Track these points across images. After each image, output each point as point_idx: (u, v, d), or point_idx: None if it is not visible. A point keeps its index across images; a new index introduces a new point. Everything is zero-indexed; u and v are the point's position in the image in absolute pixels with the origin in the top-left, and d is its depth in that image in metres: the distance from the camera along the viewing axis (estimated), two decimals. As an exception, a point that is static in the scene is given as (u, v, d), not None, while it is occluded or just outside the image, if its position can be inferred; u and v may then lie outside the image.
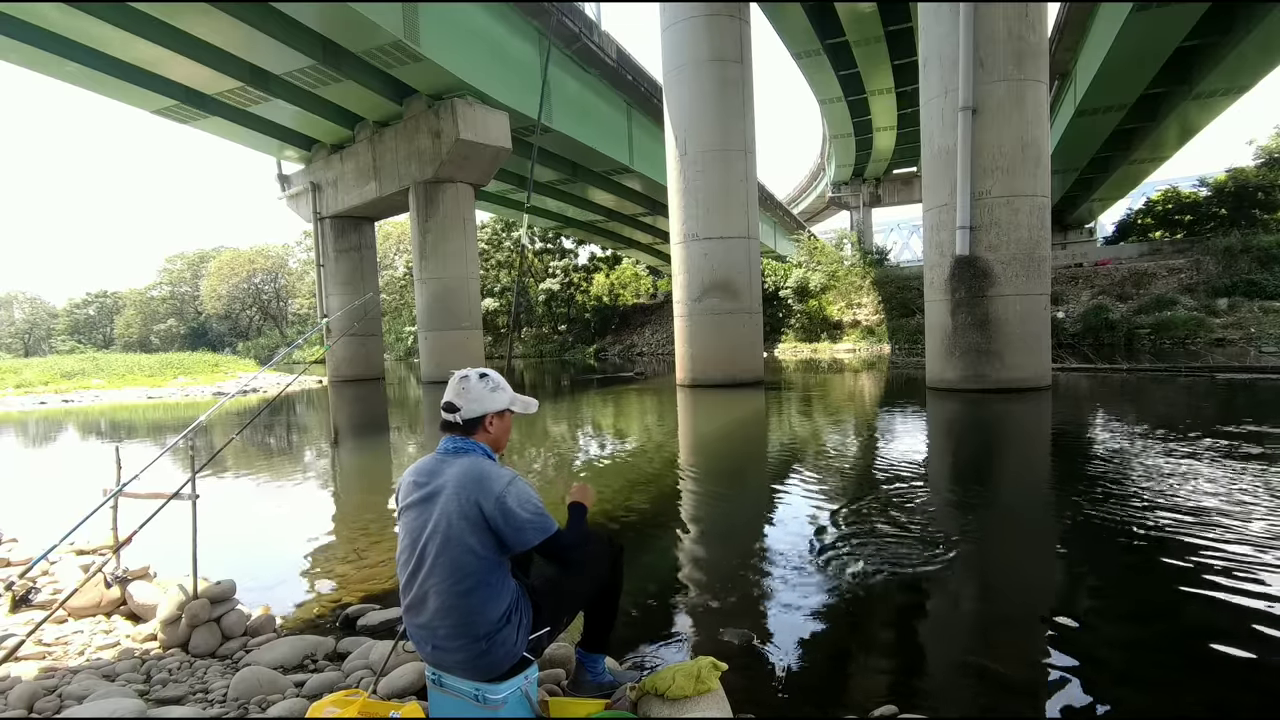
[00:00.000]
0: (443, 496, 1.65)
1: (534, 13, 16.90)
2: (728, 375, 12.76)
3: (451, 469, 1.68)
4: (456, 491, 1.63)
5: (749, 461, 6.42)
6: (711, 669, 1.82)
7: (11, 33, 12.64)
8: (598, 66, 19.59)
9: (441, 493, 1.65)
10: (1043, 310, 9.83)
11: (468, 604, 1.60)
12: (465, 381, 1.79)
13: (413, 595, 1.67)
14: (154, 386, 19.67)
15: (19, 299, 69.63)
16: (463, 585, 1.60)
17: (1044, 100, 9.73)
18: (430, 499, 1.67)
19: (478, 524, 1.61)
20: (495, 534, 1.62)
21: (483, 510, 1.61)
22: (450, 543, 1.61)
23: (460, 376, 1.80)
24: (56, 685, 2.13)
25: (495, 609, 1.62)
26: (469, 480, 1.64)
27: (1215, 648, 2.29)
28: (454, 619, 1.60)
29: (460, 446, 1.75)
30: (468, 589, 1.60)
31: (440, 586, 1.61)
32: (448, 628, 1.61)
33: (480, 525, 1.61)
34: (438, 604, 1.62)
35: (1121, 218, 36.26)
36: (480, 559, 1.61)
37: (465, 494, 1.62)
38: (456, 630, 1.61)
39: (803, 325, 28.44)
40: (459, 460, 1.70)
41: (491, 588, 1.63)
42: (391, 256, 49.98)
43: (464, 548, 1.60)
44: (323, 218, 20.82)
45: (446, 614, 1.61)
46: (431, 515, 1.65)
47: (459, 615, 1.60)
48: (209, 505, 3.12)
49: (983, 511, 4.17)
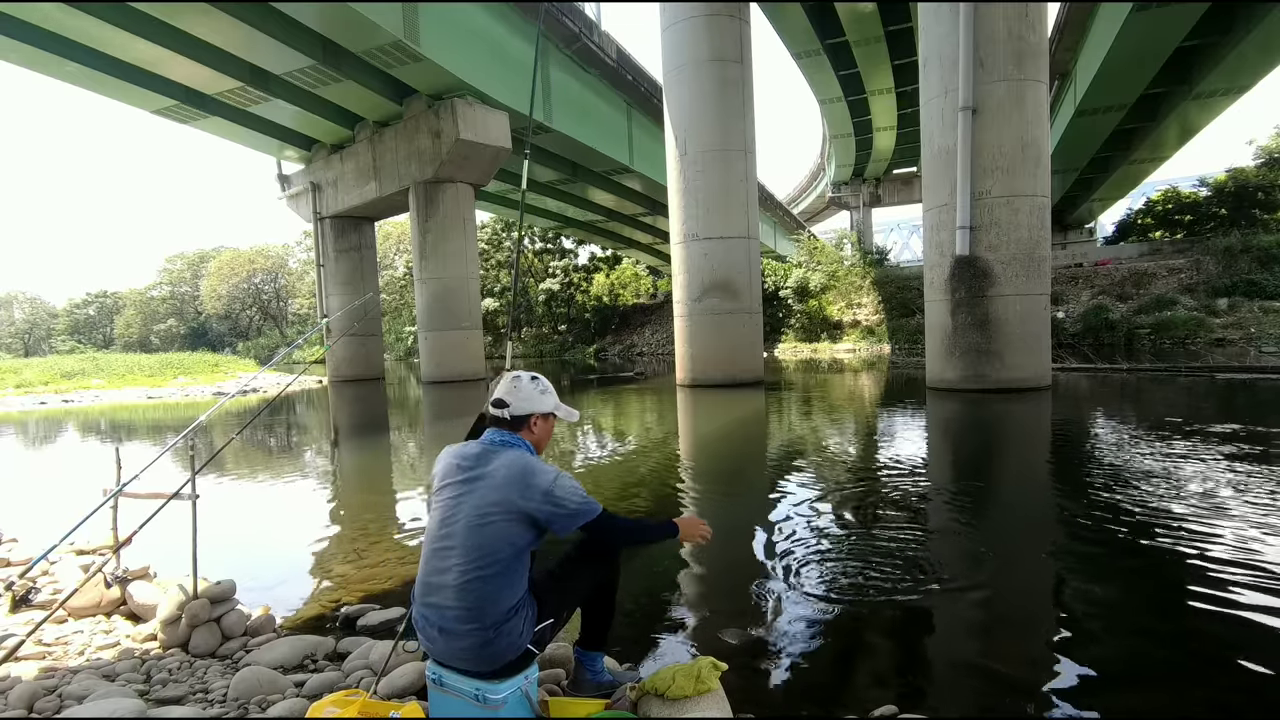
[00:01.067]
0: (485, 483, 1.70)
1: (534, 13, 16.90)
2: (728, 375, 12.76)
3: (499, 459, 1.75)
4: (502, 481, 1.69)
5: (749, 462, 6.41)
6: (711, 669, 1.82)
7: (11, 33, 12.65)
8: (598, 66, 19.59)
9: (485, 479, 1.71)
10: (1043, 310, 9.83)
11: (486, 589, 1.63)
12: (517, 381, 1.88)
13: (433, 571, 1.70)
14: (154, 386, 19.67)
15: (19, 299, 69.65)
16: (487, 570, 1.64)
17: (1044, 100, 9.73)
18: (472, 483, 1.72)
19: (518, 515, 1.67)
20: (540, 523, 1.70)
21: (529, 501, 1.68)
22: (485, 528, 1.66)
23: (513, 376, 1.90)
24: (56, 685, 2.13)
25: (509, 598, 1.65)
26: (515, 472, 1.71)
27: (1216, 648, 2.29)
28: (469, 601, 1.63)
29: (506, 440, 1.82)
30: (491, 574, 1.64)
31: (464, 567, 1.64)
32: (461, 610, 1.63)
33: (520, 516, 1.67)
34: (458, 584, 1.64)
35: (1121, 218, 36.27)
36: (511, 548, 1.67)
37: (511, 485, 1.69)
38: (469, 614, 1.62)
39: (803, 325, 28.44)
40: (506, 452, 1.77)
41: (511, 577, 1.67)
42: (391, 256, 49.98)
43: (498, 535, 1.66)
44: (323, 218, 20.83)
45: (463, 595, 1.63)
46: (471, 499, 1.70)
47: (475, 598, 1.63)
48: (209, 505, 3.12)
49: (983, 511, 4.17)
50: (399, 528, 4.25)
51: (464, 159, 16.98)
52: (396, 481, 6.12)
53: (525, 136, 19.06)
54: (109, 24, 12.46)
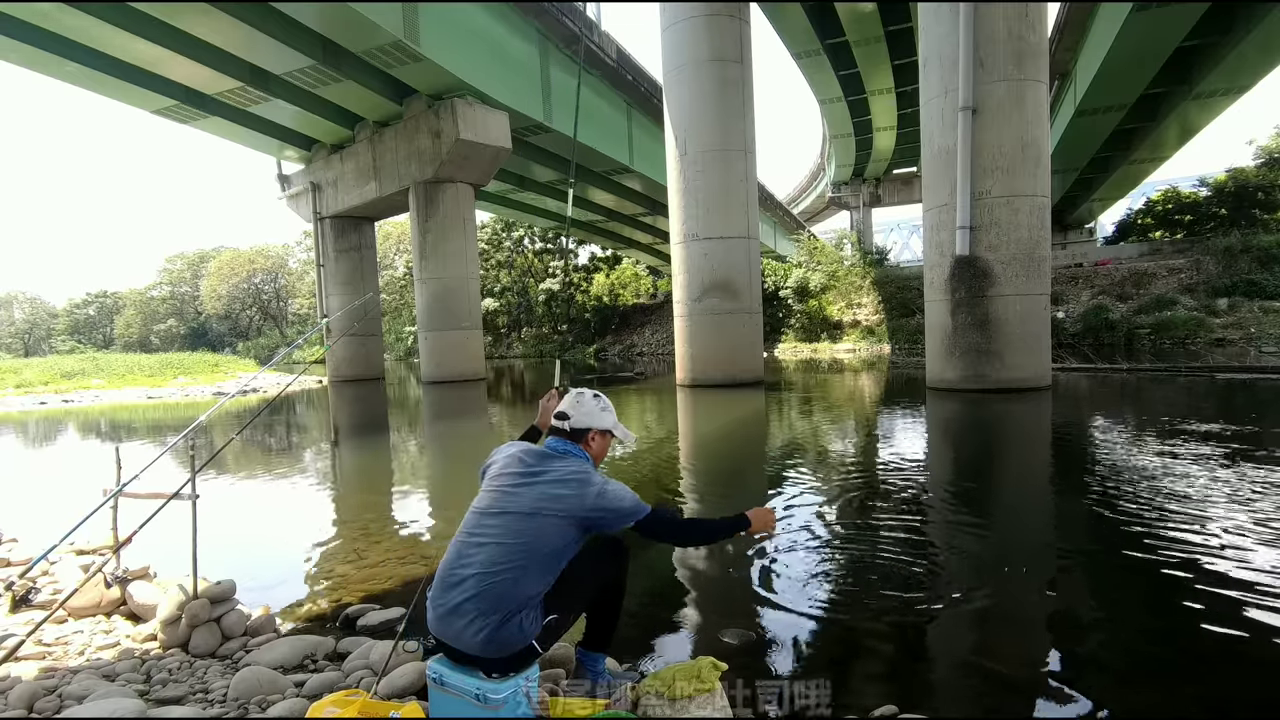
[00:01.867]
0: (543, 482, 1.80)
1: (534, 13, 16.90)
2: (728, 375, 12.76)
3: (559, 462, 1.86)
4: (559, 483, 1.80)
5: (749, 462, 6.41)
6: (711, 669, 1.82)
7: (11, 33, 12.65)
8: (598, 66, 19.59)
9: (544, 478, 1.81)
10: (1043, 310, 9.83)
11: (514, 576, 1.68)
12: (581, 397, 2.01)
13: (466, 553, 1.74)
14: (154, 386, 19.66)
15: (19, 299, 69.63)
16: (522, 562, 1.70)
17: (1044, 100, 9.73)
18: (531, 480, 1.82)
19: (568, 517, 1.76)
20: (590, 527, 1.80)
21: (583, 504, 1.77)
22: (533, 520, 1.74)
23: (577, 392, 2.04)
24: (56, 685, 2.12)
25: (530, 590, 1.70)
26: (572, 477, 1.82)
27: (1215, 647, 2.29)
28: (495, 583, 1.67)
29: (567, 449, 1.93)
30: (524, 566, 1.69)
31: (501, 555, 1.70)
32: (482, 589, 1.66)
33: (570, 519, 1.76)
34: (488, 569, 1.69)
35: (1121, 218, 36.27)
36: (552, 546, 1.74)
37: (566, 487, 1.79)
38: (490, 593, 1.66)
39: (803, 325, 28.44)
40: (567, 459, 1.88)
41: (541, 574, 1.72)
42: (391, 256, 49.95)
43: (545, 531, 1.73)
44: (323, 218, 20.83)
45: (488, 581, 1.67)
46: (528, 494, 1.79)
47: (502, 581, 1.67)
48: (209, 505, 3.11)
49: (983, 512, 4.17)
50: (399, 528, 4.25)
51: (464, 159, 16.98)
52: (396, 481, 6.12)
53: (531, 138, 19.05)
54: (109, 24, 12.45)
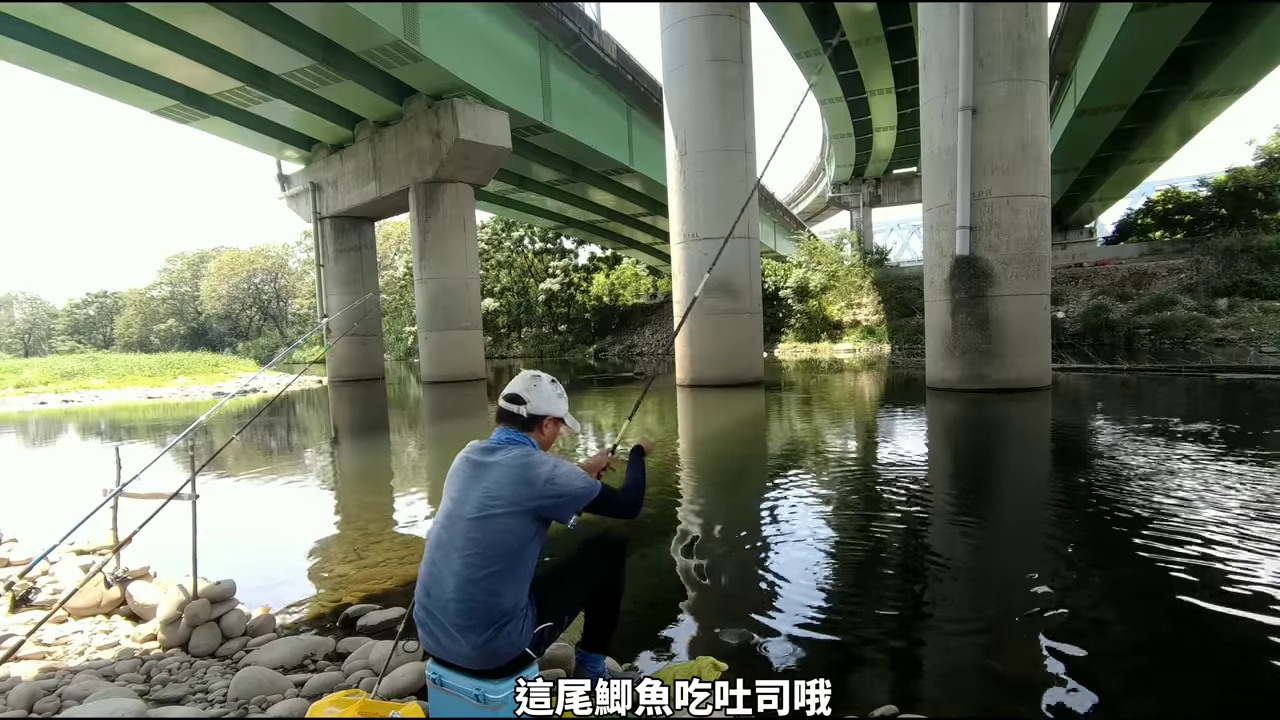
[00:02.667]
0: (489, 478, 1.71)
1: (534, 13, 16.89)
2: (728, 375, 12.76)
3: (503, 454, 1.76)
4: (505, 475, 1.70)
5: (749, 462, 6.41)
6: (711, 669, 1.82)
7: (11, 33, 12.64)
8: (598, 66, 19.58)
9: (489, 473, 1.72)
10: (1043, 310, 9.83)
11: (487, 587, 1.63)
12: (538, 380, 1.87)
13: (435, 567, 1.70)
14: (154, 386, 19.66)
15: (19, 299, 69.61)
16: (490, 567, 1.63)
17: (1044, 100, 9.73)
18: (478, 478, 1.73)
19: (520, 509, 1.67)
20: (543, 514, 1.70)
21: (529, 494, 1.68)
22: (487, 521, 1.66)
23: (533, 375, 1.89)
24: (56, 685, 2.13)
25: (510, 598, 1.64)
26: (517, 466, 1.72)
27: (1215, 646, 2.29)
28: (470, 599, 1.62)
29: (514, 438, 1.82)
30: (493, 572, 1.63)
31: (466, 564, 1.64)
32: (462, 608, 1.62)
33: (522, 511, 1.68)
34: (459, 580, 1.64)
35: (1121, 218, 36.23)
36: (513, 544, 1.66)
37: (513, 480, 1.69)
38: (468, 612, 1.62)
39: (803, 325, 28.44)
40: (510, 449, 1.78)
41: (513, 576, 1.66)
42: (391, 256, 49.92)
43: (501, 530, 1.66)
44: (323, 218, 20.82)
45: (464, 592, 1.63)
46: (475, 493, 1.71)
47: (476, 596, 1.62)
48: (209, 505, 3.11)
49: (983, 511, 4.17)
50: (399, 528, 4.25)
51: (464, 159, 16.97)
52: (396, 481, 6.12)
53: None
54: (109, 24, 12.45)
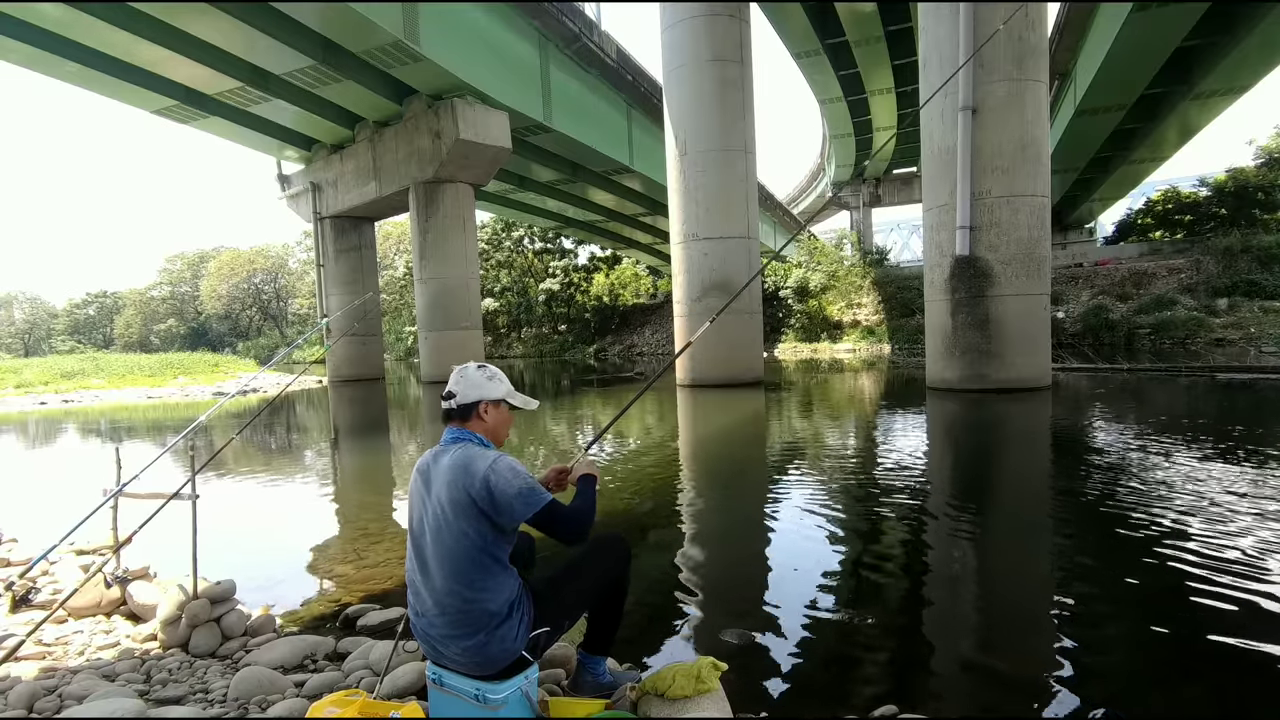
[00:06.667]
0: (435, 486, 1.68)
1: (534, 13, 16.89)
2: (728, 375, 12.76)
3: (446, 457, 1.70)
4: (447, 479, 1.65)
5: (749, 462, 6.41)
6: (711, 669, 1.82)
7: (11, 32, 12.65)
8: (598, 66, 19.58)
9: (435, 479, 1.68)
10: (1043, 310, 9.83)
11: (465, 595, 1.60)
12: (463, 370, 1.84)
13: (415, 585, 1.69)
14: (154, 386, 19.66)
15: (19, 299, 69.63)
16: (462, 576, 1.61)
17: (1044, 100, 9.73)
18: (427, 486, 1.71)
19: (469, 510, 1.61)
20: (487, 515, 1.61)
21: (470, 493, 1.61)
22: (443, 530, 1.62)
23: (460, 367, 1.86)
24: (56, 685, 2.13)
25: (494, 601, 1.62)
26: (457, 466, 1.65)
27: (1217, 647, 2.29)
28: (453, 609, 1.61)
29: (457, 436, 1.77)
30: (466, 581, 1.61)
31: (439, 575, 1.62)
32: (447, 619, 1.61)
33: (472, 511, 1.61)
34: (437, 593, 1.63)
35: (1121, 218, 36.23)
36: (476, 547, 1.61)
37: (454, 480, 1.63)
38: (455, 621, 1.61)
39: (803, 325, 28.44)
40: (453, 449, 1.72)
41: (490, 578, 1.63)
42: (391, 256, 49.94)
43: (457, 534, 1.61)
44: (323, 218, 20.82)
45: (445, 604, 1.61)
46: (428, 505, 1.68)
47: (457, 605, 1.60)
48: (209, 505, 3.11)
49: (983, 511, 4.17)
50: (399, 528, 4.25)
51: (464, 159, 16.97)
52: (397, 482, 6.11)
53: (531, 138, 19.02)
54: (109, 24, 12.45)
